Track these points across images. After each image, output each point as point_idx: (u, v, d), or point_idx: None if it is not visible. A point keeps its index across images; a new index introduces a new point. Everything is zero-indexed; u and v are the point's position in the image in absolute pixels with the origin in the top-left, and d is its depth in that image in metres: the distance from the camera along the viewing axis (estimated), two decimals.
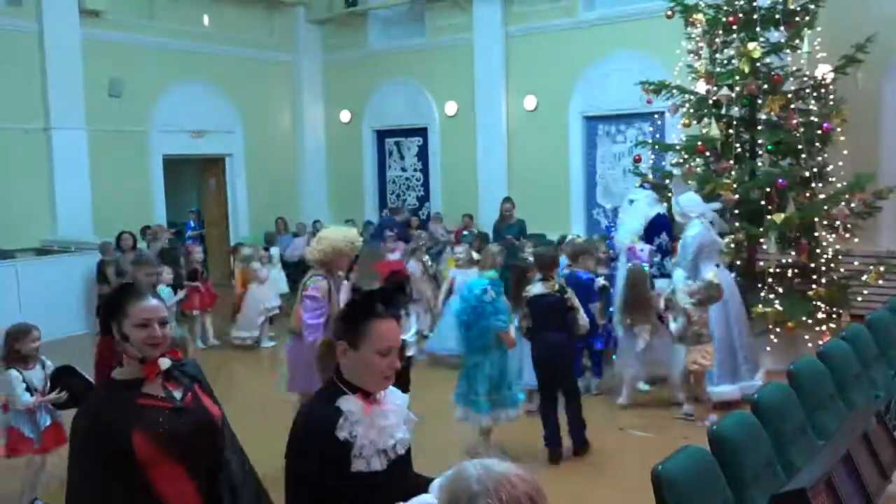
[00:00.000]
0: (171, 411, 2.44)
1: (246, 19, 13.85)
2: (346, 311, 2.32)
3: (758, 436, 3.43)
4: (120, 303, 2.47)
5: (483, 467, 1.49)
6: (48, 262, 10.19)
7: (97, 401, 2.49)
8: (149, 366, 2.45)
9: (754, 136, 8.01)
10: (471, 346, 5.52)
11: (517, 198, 12.33)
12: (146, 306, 2.46)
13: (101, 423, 2.33)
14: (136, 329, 2.42)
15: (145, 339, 2.42)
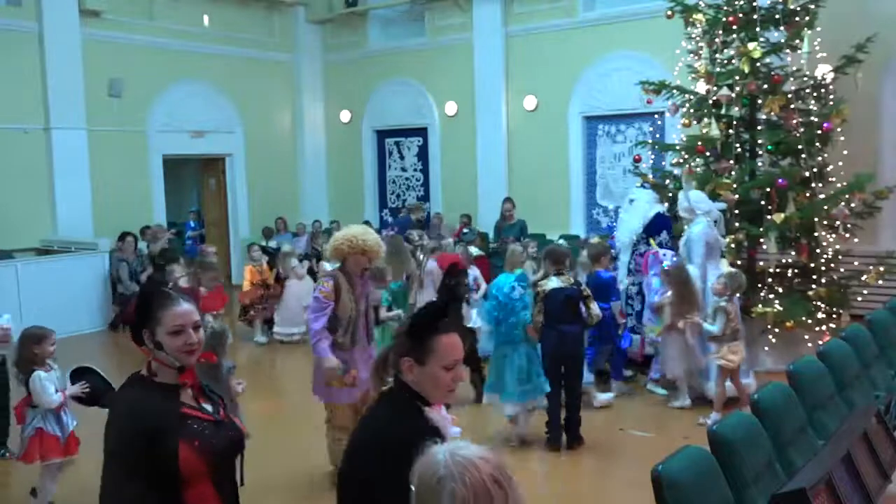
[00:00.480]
0: (213, 424, 2.36)
1: (246, 19, 13.85)
2: (410, 328, 2.28)
3: (758, 436, 3.43)
4: (150, 310, 2.35)
5: (449, 452, 1.53)
6: (48, 262, 10.20)
7: (137, 402, 2.32)
8: (186, 374, 2.35)
9: (754, 136, 8.01)
10: (500, 339, 5.87)
11: (517, 198, 12.32)
12: (179, 311, 2.34)
13: (146, 428, 2.22)
14: (170, 336, 2.31)
15: (181, 347, 2.32)
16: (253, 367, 8.74)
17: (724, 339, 6.21)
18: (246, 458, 2.57)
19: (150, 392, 2.33)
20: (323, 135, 14.99)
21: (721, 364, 6.23)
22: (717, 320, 6.23)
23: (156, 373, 2.36)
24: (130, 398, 2.35)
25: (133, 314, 2.40)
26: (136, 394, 2.34)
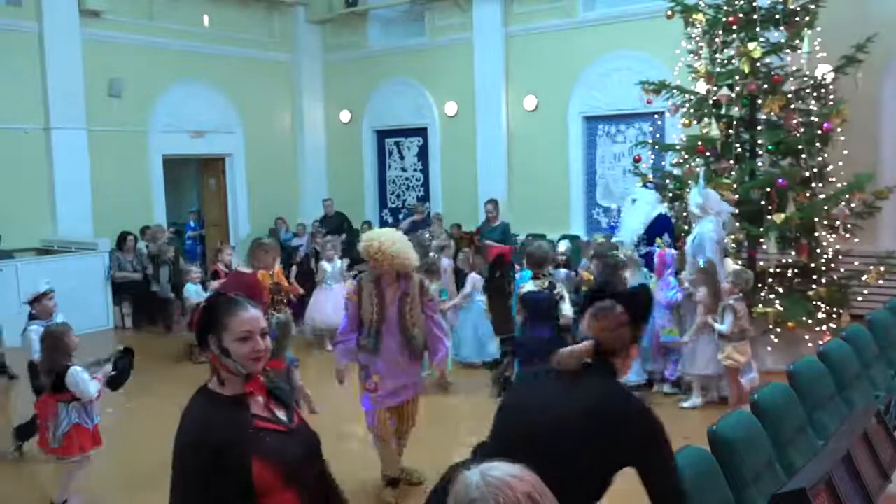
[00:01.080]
0: (285, 435, 2.30)
1: (246, 19, 13.84)
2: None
3: (758, 436, 3.43)
4: (217, 316, 2.29)
5: (481, 473, 1.52)
6: (48, 262, 10.19)
7: (206, 418, 2.25)
8: (252, 382, 2.29)
9: (754, 136, 8.01)
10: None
11: (517, 198, 12.36)
12: (246, 317, 2.27)
13: (217, 446, 2.16)
14: (237, 343, 2.25)
15: (248, 354, 2.25)
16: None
17: (733, 339, 6.16)
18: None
19: (219, 406, 2.26)
20: (323, 135, 14.99)
21: (727, 364, 6.19)
22: (725, 319, 6.17)
23: (223, 383, 2.30)
24: (198, 414, 2.28)
25: (199, 320, 2.33)
26: (204, 409, 2.28)
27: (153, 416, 6.10)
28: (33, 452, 5.94)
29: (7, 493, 5.40)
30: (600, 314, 2.56)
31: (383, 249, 4.69)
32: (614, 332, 2.52)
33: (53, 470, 5.19)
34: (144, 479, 5.31)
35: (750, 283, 6.48)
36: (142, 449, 5.89)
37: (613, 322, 2.53)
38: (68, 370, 4.72)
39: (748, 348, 6.27)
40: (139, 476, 5.45)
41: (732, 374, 6.26)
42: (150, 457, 5.84)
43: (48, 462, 5.35)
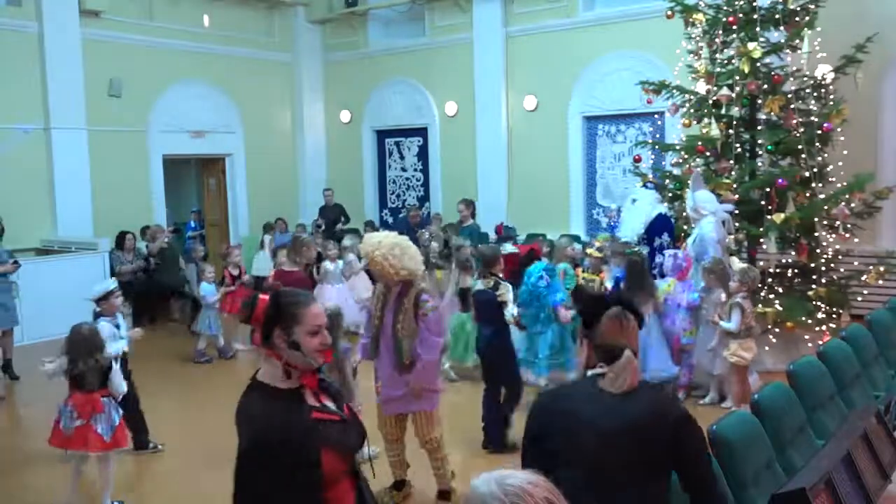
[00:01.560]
0: (343, 424, 2.37)
1: (246, 19, 13.85)
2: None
3: (758, 436, 3.43)
4: (288, 309, 2.32)
5: (496, 482, 1.50)
6: (48, 262, 10.19)
7: (271, 413, 2.27)
8: (308, 376, 2.34)
9: (754, 136, 8.01)
10: (531, 320, 6.46)
11: (517, 198, 12.36)
12: (317, 311, 2.36)
13: (287, 440, 2.21)
14: (308, 336, 2.30)
15: (318, 347, 2.32)
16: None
17: (739, 336, 6.13)
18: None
19: (279, 400, 2.29)
20: (323, 135, 14.99)
21: (733, 361, 6.16)
22: (732, 317, 6.13)
23: (290, 375, 2.32)
24: (262, 410, 2.29)
25: (265, 313, 2.33)
26: (266, 404, 2.29)
27: (153, 418, 6.09)
28: (34, 452, 5.96)
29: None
30: (624, 321, 2.58)
31: (382, 255, 4.57)
32: (636, 338, 2.61)
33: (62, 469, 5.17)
34: (145, 479, 5.33)
35: (757, 280, 6.43)
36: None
37: (634, 329, 2.61)
38: (112, 367, 4.87)
39: (754, 346, 6.24)
40: (140, 476, 5.46)
41: (740, 371, 6.21)
42: (155, 456, 5.87)
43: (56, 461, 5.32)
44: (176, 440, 6.15)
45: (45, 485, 5.44)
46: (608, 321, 2.54)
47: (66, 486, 5.09)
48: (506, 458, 5.43)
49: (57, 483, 5.35)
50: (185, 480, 5.45)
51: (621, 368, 2.47)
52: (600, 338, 2.54)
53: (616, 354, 2.48)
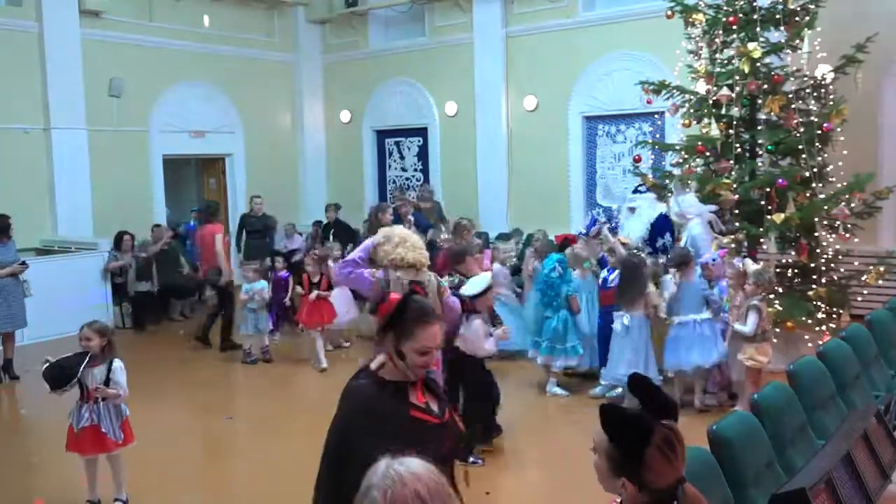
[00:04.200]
0: (439, 427, 2.39)
1: (246, 19, 13.84)
2: None
3: (758, 436, 3.43)
4: (407, 321, 2.39)
5: (387, 463, 1.58)
6: (48, 262, 10.18)
7: (371, 401, 2.37)
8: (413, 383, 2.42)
9: (754, 136, 8.01)
10: (544, 306, 7.04)
11: (517, 198, 12.36)
12: (432, 333, 2.40)
13: (383, 430, 2.26)
14: (416, 354, 2.38)
15: (421, 365, 2.39)
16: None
17: (755, 339, 5.99)
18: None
19: (381, 391, 2.38)
20: (323, 135, 14.99)
21: (750, 365, 6.03)
22: (749, 319, 5.99)
23: (387, 368, 2.41)
24: (364, 397, 2.40)
25: (392, 312, 2.42)
26: (370, 391, 2.39)
27: (154, 419, 6.09)
28: (35, 452, 5.95)
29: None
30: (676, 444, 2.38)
31: (388, 248, 4.74)
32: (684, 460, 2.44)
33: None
34: (146, 480, 5.33)
35: (773, 282, 6.30)
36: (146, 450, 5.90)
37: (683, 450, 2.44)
38: (113, 363, 4.84)
39: (769, 349, 6.11)
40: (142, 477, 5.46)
41: (754, 374, 6.06)
42: (157, 457, 5.88)
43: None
44: (177, 441, 6.16)
45: (47, 485, 5.44)
46: (656, 457, 1.94)
47: (67, 486, 5.10)
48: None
49: (58, 483, 5.36)
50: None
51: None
52: (651, 481, 1.94)
53: (674, 494, 1.97)
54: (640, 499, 1.95)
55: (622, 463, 1.95)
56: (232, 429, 6.71)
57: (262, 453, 5.97)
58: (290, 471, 5.67)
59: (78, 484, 5.07)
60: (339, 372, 8.37)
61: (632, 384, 2.08)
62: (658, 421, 1.95)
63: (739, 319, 6.13)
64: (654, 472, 1.92)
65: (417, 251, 4.81)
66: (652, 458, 1.91)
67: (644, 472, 1.92)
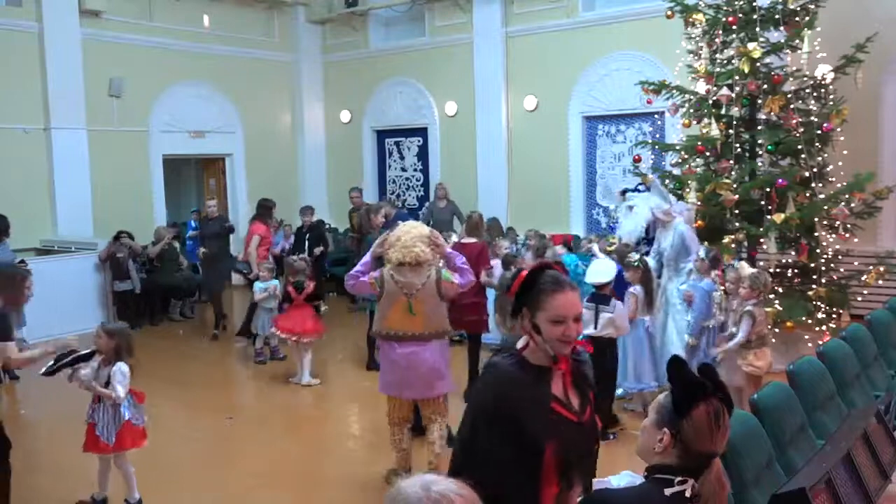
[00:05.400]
0: (576, 426, 2.28)
1: (246, 19, 13.85)
2: None
3: (758, 436, 3.43)
4: (536, 292, 2.27)
5: (423, 487, 1.50)
6: (48, 262, 10.18)
7: (510, 381, 2.27)
8: (561, 363, 2.29)
9: (754, 136, 8.01)
10: None
11: (517, 198, 12.34)
12: (563, 302, 2.24)
13: (515, 414, 2.21)
14: (550, 325, 2.24)
15: (558, 337, 2.24)
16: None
17: (753, 345, 5.83)
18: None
19: (524, 373, 2.28)
20: (323, 135, 14.99)
21: (748, 371, 5.84)
22: (742, 326, 5.79)
23: (532, 351, 2.30)
24: (504, 375, 2.30)
25: (518, 288, 2.32)
26: (511, 371, 2.30)
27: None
28: (35, 453, 5.95)
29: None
30: (722, 419, 2.32)
31: (388, 254, 5.01)
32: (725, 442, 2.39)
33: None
34: (147, 480, 5.32)
35: (769, 286, 6.13)
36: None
37: (727, 430, 2.36)
38: (116, 365, 4.83)
39: (769, 354, 5.94)
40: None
41: (755, 381, 5.81)
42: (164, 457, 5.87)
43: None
44: (174, 440, 6.15)
45: (48, 484, 5.44)
46: (703, 417, 2.01)
47: (68, 486, 5.09)
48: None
49: (59, 483, 5.36)
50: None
51: (710, 490, 2.00)
52: (688, 436, 2.01)
53: (703, 464, 2.01)
54: (671, 455, 2.01)
55: (671, 411, 2.02)
56: (233, 429, 6.71)
57: (262, 453, 5.98)
58: (292, 471, 5.67)
59: (79, 483, 5.07)
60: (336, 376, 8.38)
61: (702, 371, 2.14)
62: (717, 394, 2.04)
63: (735, 325, 5.95)
64: (695, 430, 1.99)
65: (408, 249, 4.95)
66: (699, 415, 1.99)
67: (687, 425, 1.99)
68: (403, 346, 5.01)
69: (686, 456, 2.00)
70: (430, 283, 4.97)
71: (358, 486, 5.29)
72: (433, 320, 5.01)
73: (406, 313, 4.96)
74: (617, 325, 5.95)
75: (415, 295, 4.96)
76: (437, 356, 5.05)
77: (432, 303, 4.99)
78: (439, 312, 5.04)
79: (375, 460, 5.62)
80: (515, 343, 2.39)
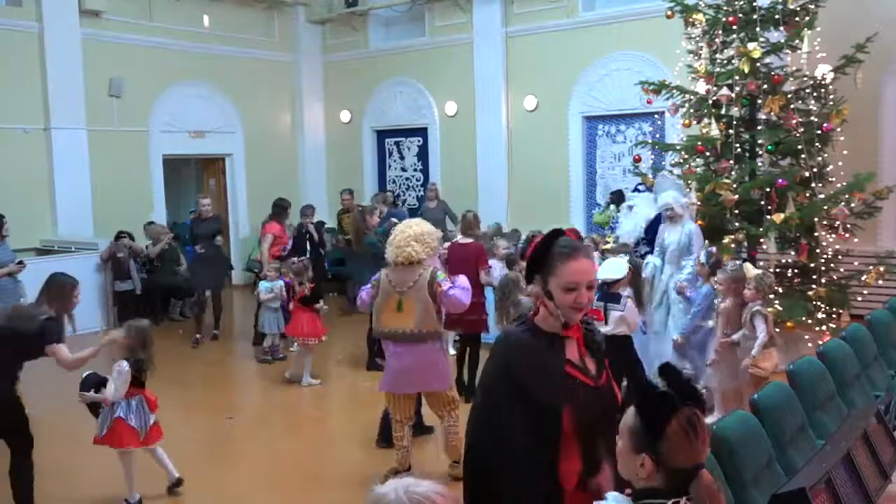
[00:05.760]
0: (593, 390, 2.27)
1: (246, 19, 13.85)
2: None
3: (758, 436, 3.43)
4: (549, 258, 2.27)
5: (403, 490, 1.49)
6: (48, 262, 10.16)
7: (523, 348, 2.29)
8: (571, 329, 2.29)
9: (754, 136, 8.01)
10: None
11: (517, 197, 12.34)
12: (576, 268, 2.24)
13: (528, 379, 2.21)
14: (562, 291, 2.23)
15: (570, 304, 2.24)
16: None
17: (764, 346, 5.74)
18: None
19: (537, 340, 2.30)
20: (323, 135, 14.99)
21: (754, 373, 5.78)
22: (758, 328, 5.72)
23: (544, 318, 2.31)
24: (516, 343, 2.33)
25: (531, 255, 2.33)
26: (524, 338, 2.31)
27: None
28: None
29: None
30: (699, 428, 2.24)
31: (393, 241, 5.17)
32: (707, 448, 2.40)
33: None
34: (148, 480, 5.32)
35: (772, 287, 6.11)
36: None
37: (707, 436, 2.37)
38: (121, 363, 4.97)
39: (775, 355, 5.90)
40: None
41: (759, 382, 5.68)
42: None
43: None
44: (174, 440, 6.15)
45: (49, 484, 5.43)
46: (678, 432, 1.91)
47: (68, 486, 5.09)
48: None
49: (60, 483, 5.35)
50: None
51: (702, 502, 1.91)
52: (669, 457, 1.91)
53: (691, 477, 1.92)
54: (656, 479, 1.92)
55: (644, 435, 1.92)
56: (233, 429, 6.71)
57: (262, 453, 5.98)
58: (292, 471, 5.67)
59: (79, 483, 5.07)
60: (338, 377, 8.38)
61: (662, 372, 2.07)
62: (685, 402, 1.94)
63: (730, 326, 5.91)
64: (674, 449, 1.89)
65: (400, 249, 5.08)
66: (673, 432, 1.89)
67: (663, 446, 1.89)
68: (398, 345, 5.08)
69: (672, 476, 1.92)
70: (421, 281, 5.03)
71: (358, 486, 5.28)
72: (425, 320, 5.02)
73: (395, 310, 5.05)
74: (628, 322, 5.95)
75: (405, 292, 5.03)
76: (433, 355, 5.09)
77: (423, 302, 5.02)
78: (431, 313, 5.05)
79: (376, 460, 5.62)
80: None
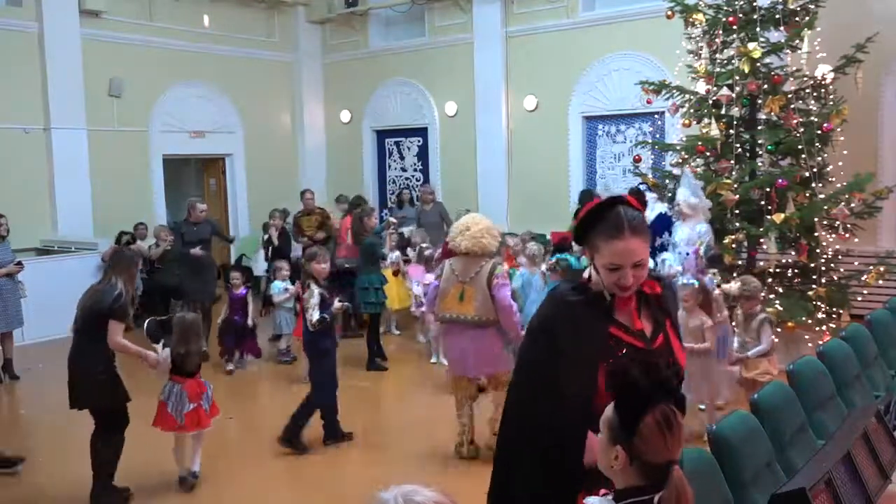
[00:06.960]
0: (640, 351, 2.17)
1: (246, 19, 13.85)
2: None
3: (758, 436, 3.43)
4: (594, 234, 2.18)
5: (403, 497, 1.48)
6: (48, 262, 10.19)
7: (566, 302, 2.23)
8: (622, 299, 2.21)
9: (754, 136, 8.01)
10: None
11: (517, 197, 12.35)
12: (619, 249, 2.12)
13: (567, 333, 2.18)
14: (605, 269, 2.16)
15: (612, 282, 2.16)
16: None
17: (768, 353, 5.73)
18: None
19: (583, 296, 2.24)
20: (323, 135, 15.00)
21: (763, 380, 5.52)
22: (762, 335, 5.69)
23: (595, 278, 2.23)
24: (562, 297, 2.27)
25: (580, 222, 2.23)
26: (569, 294, 2.26)
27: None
28: (36, 453, 5.95)
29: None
30: (674, 425, 2.21)
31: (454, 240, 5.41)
32: (681, 444, 2.38)
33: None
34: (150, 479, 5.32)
35: (759, 287, 6.01)
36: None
37: (682, 433, 2.34)
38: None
39: (776, 359, 5.87)
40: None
41: (753, 385, 5.61)
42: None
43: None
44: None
45: (49, 484, 5.44)
46: (652, 428, 1.87)
47: (69, 486, 5.09)
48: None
49: (60, 483, 5.36)
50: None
51: (671, 500, 1.86)
52: (642, 452, 1.88)
53: (664, 474, 1.88)
54: (630, 474, 1.90)
55: (619, 428, 1.90)
56: (234, 429, 6.71)
57: (262, 454, 5.98)
58: (292, 471, 5.67)
59: (79, 483, 5.07)
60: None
61: (645, 368, 2.02)
62: (663, 399, 1.90)
63: (697, 340, 5.77)
64: (647, 444, 1.86)
65: (476, 240, 5.32)
66: (648, 427, 1.85)
67: (638, 440, 1.86)
68: (456, 327, 5.43)
69: (645, 471, 1.89)
70: (482, 272, 5.30)
71: (359, 486, 5.29)
72: (485, 308, 5.29)
73: (457, 300, 5.35)
74: None
75: (467, 283, 5.32)
76: (492, 339, 5.36)
77: (483, 292, 5.28)
78: (489, 303, 5.28)
79: (376, 460, 5.63)
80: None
